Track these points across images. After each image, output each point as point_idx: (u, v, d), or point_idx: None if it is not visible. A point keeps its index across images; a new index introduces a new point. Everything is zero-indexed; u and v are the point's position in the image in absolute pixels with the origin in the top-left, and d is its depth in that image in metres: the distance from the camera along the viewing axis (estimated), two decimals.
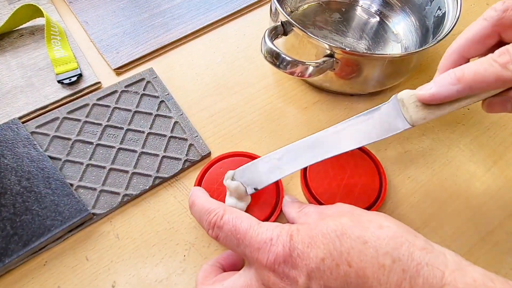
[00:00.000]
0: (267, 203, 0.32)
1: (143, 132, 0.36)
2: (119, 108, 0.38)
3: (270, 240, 0.23)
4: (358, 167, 0.34)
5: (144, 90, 0.39)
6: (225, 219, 0.25)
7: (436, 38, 0.34)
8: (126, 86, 0.39)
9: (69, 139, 0.35)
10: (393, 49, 0.44)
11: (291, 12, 0.46)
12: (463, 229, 0.33)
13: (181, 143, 0.36)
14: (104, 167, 0.34)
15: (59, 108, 0.37)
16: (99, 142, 0.35)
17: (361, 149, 0.35)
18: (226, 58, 0.43)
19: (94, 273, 0.30)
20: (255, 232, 0.24)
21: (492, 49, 0.25)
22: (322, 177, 0.34)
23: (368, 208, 0.32)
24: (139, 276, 0.30)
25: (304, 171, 0.34)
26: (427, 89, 0.25)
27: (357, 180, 0.33)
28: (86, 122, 0.36)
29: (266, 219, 0.32)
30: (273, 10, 0.38)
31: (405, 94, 0.26)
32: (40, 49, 0.41)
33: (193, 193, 0.29)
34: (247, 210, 0.32)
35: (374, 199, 0.33)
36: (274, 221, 0.32)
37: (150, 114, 0.38)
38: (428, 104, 0.25)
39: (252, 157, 0.34)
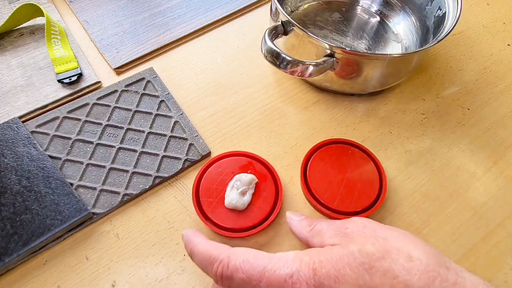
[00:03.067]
0: (266, 202, 0.32)
1: (143, 131, 0.36)
2: (119, 108, 0.38)
3: (291, 277, 0.21)
4: (358, 167, 0.34)
5: (144, 89, 0.39)
6: (232, 267, 0.23)
7: (436, 38, 0.34)
8: (126, 86, 0.39)
9: (69, 138, 0.35)
10: (393, 49, 0.44)
11: (292, 11, 0.45)
12: (463, 229, 0.33)
13: (181, 143, 0.36)
14: (104, 167, 0.34)
15: (59, 108, 0.37)
16: (99, 141, 0.35)
17: (361, 148, 0.35)
18: (226, 58, 0.43)
19: (94, 272, 0.30)
20: (271, 270, 0.22)
21: None
22: (322, 176, 0.34)
23: (368, 208, 0.32)
24: (139, 276, 0.30)
25: (304, 170, 0.34)
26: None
27: (357, 179, 0.33)
28: (86, 121, 0.36)
29: (266, 218, 0.32)
30: (273, 9, 0.38)
31: None
32: (40, 49, 0.41)
33: (189, 240, 0.26)
34: (247, 210, 0.32)
35: (374, 199, 0.33)
36: (274, 220, 0.32)
37: (150, 113, 0.38)
38: None
39: (252, 156, 0.34)
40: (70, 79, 0.39)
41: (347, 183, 0.33)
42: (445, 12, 0.39)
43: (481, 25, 0.48)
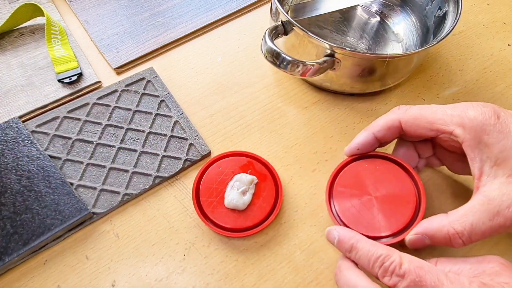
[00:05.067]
0: (266, 202, 0.32)
1: (143, 131, 0.36)
2: (119, 108, 0.38)
3: None
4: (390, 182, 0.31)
5: (144, 89, 0.39)
6: (405, 269, 0.24)
7: (436, 38, 0.34)
8: (126, 86, 0.39)
9: (69, 138, 0.35)
10: (393, 49, 0.44)
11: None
12: None
13: (181, 143, 0.36)
14: (104, 167, 0.34)
15: (59, 107, 0.37)
16: (99, 141, 0.35)
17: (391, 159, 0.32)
18: (226, 58, 0.43)
19: (94, 272, 0.30)
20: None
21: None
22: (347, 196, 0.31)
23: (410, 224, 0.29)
24: (139, 275, 0.30)
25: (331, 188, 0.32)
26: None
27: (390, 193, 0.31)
28: (86, 121, 0.36)
29: (266, 218, 0.32)
30: (274, 9, 0.38)
31: None
32: (40, 48, 0.41)
33: (348, 236, 0.27)
34: (247, 210, 0.32)
35: (413, 213, 0.30)
36: (274, 220, 0.33)
37: (150, 113, 0.38)
38: None
39: (252, 156, 0.34)
40: (70, 79, 0.39)
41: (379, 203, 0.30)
42: (446, 12, 0.39)
43: (481, 25, 0.48)
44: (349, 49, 0.33)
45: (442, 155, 0.33)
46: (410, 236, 0.28)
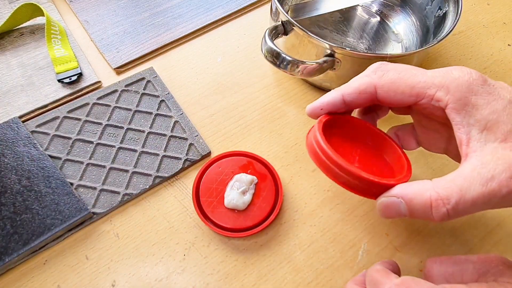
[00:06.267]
0: (266, 202, 0.32)
1: (143, 131, 0.36)
2: (119, 108, 0.38)
3: None
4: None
5: (144, 89, 0.39)
6: None
7: (436, 38, 0.34)
8: (126, 86, 0.39)
9: (69, 138, 0.35)
10: (393, 49, 0.44)
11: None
12: (463, 229, 0.33)
13: (181, 143, 0.36)
14: (104, 167, 0.34)
15: (59, 107, 0.37)
16: (99, 141, 0.35)
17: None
18: (226, 58, 0.43)
19: (94, 272, 0.30)
20: None
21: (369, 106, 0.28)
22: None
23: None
24: (139, 275, 0.30)
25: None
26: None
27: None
28: (86, 121, 0.36)
29: (266, 218, 0.32)
30: (274, 9, 0.38)
31: None
32: (40, 48, 0.41)
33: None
34: (247, 210, 0.32)
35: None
36: (274, 220, 0.32)
37: (150, 113, 0.38)
38: None
39: (252, 156, 0.35)
40: (70, 79, 0.39)
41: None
42: (446, 12, 0.39)
43: (481, 25, 0.48)
44: (349, 49, 0.33)
45: (418, 128, 0.29)
46: (382, 198, 0.24)
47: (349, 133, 0.29)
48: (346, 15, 0.46)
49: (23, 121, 0.36)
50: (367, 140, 0.29)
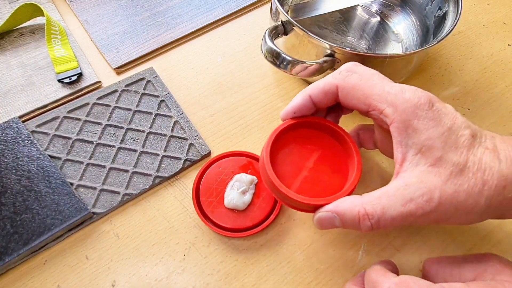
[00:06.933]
0: (266, 202, 0.32)
1: (143, 131, 0.36)
2: (119, 108, 0.38)
3: None
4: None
5: (144, 89, 0.39)
6: None
7: (436, 38, 0.34)
8: (126, 86, 0.39)
9: (69, 138, 0.35)
10: (393, 49, 0.44)
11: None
12: (463, 229, 0.33)
13: (181, 143, 0.36)
14: (104, 166, 0.34)
15: (59, 107, 0.37)
16: (99, 141, 0.35)
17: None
18: (226, 58, 0.43)
19: (94, 272, 0.30)
20: None
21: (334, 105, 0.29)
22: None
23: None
24: (139, 275, 0.30)
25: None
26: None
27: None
28: (86, 121, 0.36)
29: (266, 218, 0.32)
30: (274, 9, 0.38)
31: None
32: (40, 48, 0.41)
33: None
34: (247, 210, 0.32)
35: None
36: (274, 220, 0.32)
37: (150, 113, 0.38)
38: None
39: (252, 156, 0.35)
40: (70, 79, 0.39)
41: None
42: (446, 12, 0.39)
43: (481, 25, 0.48)
44: (348, 49, 0.33)
45: (376, 131, 0.31)
46: (320, 213, 0.26)
47: (309, 136, 0.30)
48: (346, 15, 0.46)
49: (23, 121, 0.36)
50: (326, 142, 0.30)
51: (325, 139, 0.30)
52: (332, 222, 0.26)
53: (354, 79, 0.27)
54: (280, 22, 0.36)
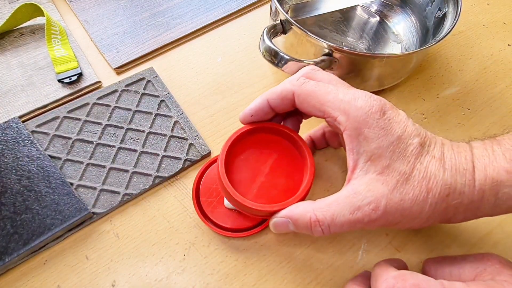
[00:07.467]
0: None
1: (143, 131, 0.36)
2: (119, 108, 0.38)
3: None
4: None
5: (144, 89, 0.39)
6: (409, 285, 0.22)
7: (435, 38, 0.34)
8: (126, 86, 0.39)
9: (69, 138, 0.35)
10: (393, 49, 0.44)
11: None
12: (463, 229, 0.33)
13: (181, 143, 0.36)
14: (104, 166, 0.34)
15: (59, 107, 0.37)
16: (99, 141, 0.35)
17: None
18: (226, 58, 0.43)
19: (94, 272, 0.30)
20: None
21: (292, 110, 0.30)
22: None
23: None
24: (139, 275, 0.30)
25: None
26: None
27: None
28: (86, 121, 0.36)
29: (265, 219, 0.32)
30: (273, 9, 0.38)
31: None
32: (40, 48, 0.42)
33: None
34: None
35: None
36: None
37: (150, 113, 0.38)
38: None
39: None
40: (70, 79, 0.39)
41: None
42: (445, 13, 0.39)
43: (481, 25, 0.48)
44: (346, 48, 0.33)
45: (331, 137, 0.34)
46: (275, 218, 0.27)
47: (267, 141, 0.30)
48: (346, 15, 0.46)
49: (23, 121, 0.36)
50: (283, 147, 0.31)
51: (282, 144, 0.31)
52: (286, 226, 0.27)
53: (310, 86, 0.28)
54: (279, 21, 0.36)
